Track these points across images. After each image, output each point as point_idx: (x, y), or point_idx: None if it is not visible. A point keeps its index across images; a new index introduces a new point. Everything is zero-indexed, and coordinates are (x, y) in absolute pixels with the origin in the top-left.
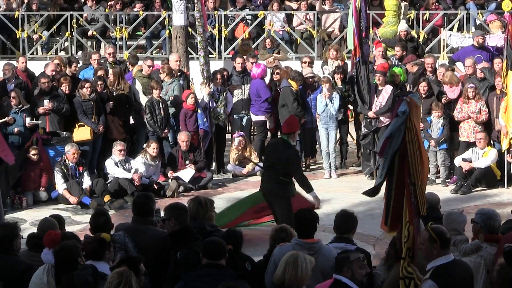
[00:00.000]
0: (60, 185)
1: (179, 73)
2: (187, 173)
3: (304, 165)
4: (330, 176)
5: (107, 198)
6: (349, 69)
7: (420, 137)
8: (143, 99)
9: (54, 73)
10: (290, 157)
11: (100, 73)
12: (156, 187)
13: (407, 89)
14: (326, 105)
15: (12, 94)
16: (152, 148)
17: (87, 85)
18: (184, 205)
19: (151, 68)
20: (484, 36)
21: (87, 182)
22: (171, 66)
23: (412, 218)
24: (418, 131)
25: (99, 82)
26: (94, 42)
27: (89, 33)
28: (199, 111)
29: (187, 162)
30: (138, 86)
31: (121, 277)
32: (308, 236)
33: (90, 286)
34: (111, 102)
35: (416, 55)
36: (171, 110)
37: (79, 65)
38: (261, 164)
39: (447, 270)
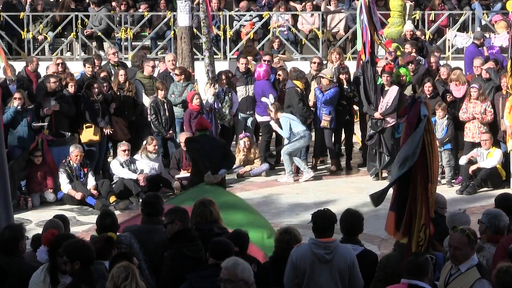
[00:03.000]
0: (65, 185)
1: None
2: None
3: (311, 165)
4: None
5: (112, 199)
6: (354, 69)
7: (435, 138)
8: (146, 100)
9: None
10: None
11: (103, 74)
12: (162, 185)
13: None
14: None
15: (18, 95)
16: (152, 146)
17: (94, 85)
18: (185, 208)
19: (153, 68)
20: (484, 38)
21: (91, 182)
22: (167, 66)
23: (429, 220)
24: (433, 133)
25: (104, 84)
26: (97, 43)
27: (87, 31)
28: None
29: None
30: (140, 87)
31: (127, 270)
32: (325, 236)
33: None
34: (114, 104)
35: (422, 55)
36: (180, 111)
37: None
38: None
39: (483, 267)
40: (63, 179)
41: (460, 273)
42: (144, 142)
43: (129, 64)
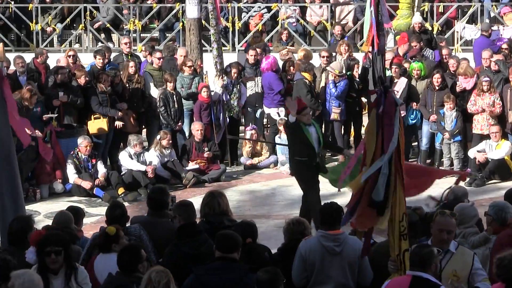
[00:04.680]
0: (72, 175)
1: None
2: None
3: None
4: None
5: (121, 190)
6: (361, 61)
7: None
8: (154, 92)
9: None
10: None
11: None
12: (172, 180)
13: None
14: None
15: (28, 86)
16: (166, 140)
17: (104, 77)
18: (189, 202)
19: (161, 60)
20: (491, 28)
21: (102, 169)
22: (178, 60)
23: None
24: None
25: (116, 73)
26: (106, 35)
27: (95, 25)
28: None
29: (205, 149)
30: (150, 79)
31: (168, 276)
32: (333, 228)
33: None
34: (125, 104)
35: (431, 48)
36: (189, 103)
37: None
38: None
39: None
40: (70, 169)
41: (452, 254)
42: (158, 137)
43: (139, 55)
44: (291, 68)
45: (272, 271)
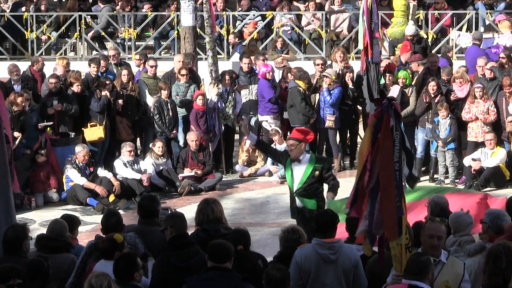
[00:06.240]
0: (79, 178)
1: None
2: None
3: None
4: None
5: (111, 198)
6: (357, 69)
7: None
8: (149, 100)
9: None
10: None
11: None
12: (167, 189)
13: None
14: None
15: (25, 95)
16: (157, 147)
17: (102, 84)
18: (180, 213)
19: (153, 68)
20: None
21: (106, 174)
22: (175, 66)
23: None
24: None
25: (107, 82)
26: (100, 43)
27: (89, 34)
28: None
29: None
30: (144, 87)
31: (107, 278)
32: (328, 236)
33: None
34: (120, 100)
35: (426, 56)
36: (183, 110)
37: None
38: None
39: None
40: (74, 173)
41: (443, 265)
42: (151, 145)
43: (132, 64)
44: (289, 75)
45: (285, 269)
